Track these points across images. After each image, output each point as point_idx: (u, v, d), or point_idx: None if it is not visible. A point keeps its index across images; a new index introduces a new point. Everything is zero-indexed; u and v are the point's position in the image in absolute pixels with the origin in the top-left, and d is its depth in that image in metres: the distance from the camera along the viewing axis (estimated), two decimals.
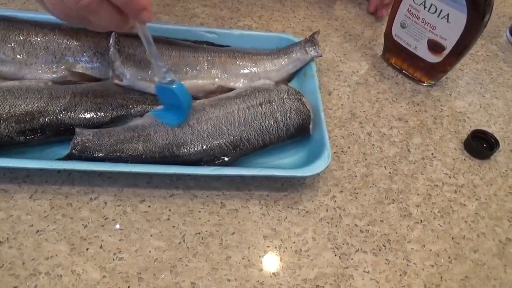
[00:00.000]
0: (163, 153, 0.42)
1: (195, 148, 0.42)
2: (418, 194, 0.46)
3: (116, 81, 0.46)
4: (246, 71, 0.51)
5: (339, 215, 0.43)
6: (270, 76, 0.51)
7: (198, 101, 0.46)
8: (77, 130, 0.42)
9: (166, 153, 0.42)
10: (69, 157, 0.41)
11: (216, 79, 0.49)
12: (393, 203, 0.45)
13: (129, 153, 0.42)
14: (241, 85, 0.50)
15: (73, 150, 0.41)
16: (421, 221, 0.44)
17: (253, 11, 0.65)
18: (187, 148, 0.42)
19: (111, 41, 0.46)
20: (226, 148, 0.43)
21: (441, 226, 0.43)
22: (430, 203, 0.45)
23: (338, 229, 0.42)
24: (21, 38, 0.47)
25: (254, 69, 0.51)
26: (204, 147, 0.43)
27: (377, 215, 0.44)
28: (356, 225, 0.42)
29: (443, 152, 0.50)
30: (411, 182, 0.47)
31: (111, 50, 0.46)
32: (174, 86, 0.41)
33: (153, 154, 0.42)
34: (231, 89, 0.49)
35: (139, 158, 0.42)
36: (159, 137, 0.42)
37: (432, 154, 0.50)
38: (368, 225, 0.43)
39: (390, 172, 0.47)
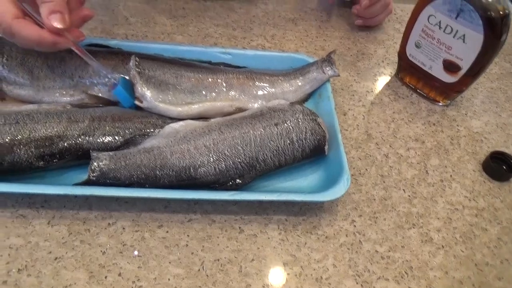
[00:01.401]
0: (180, 176, 0.42)
1: (212, 170, 0.42)
2: (438, 218, 0.45)
3: (137, 102, 0.46)
4: (263, 92, 0.51)
5: (359, 240, 0.42)
6: (287, 97, 0.51)
7: (213, 120, 0.46)
8: (93, 154, 0.41)
9: (183, 176, 0.42)
10: (87, 183, 0.41)
11: (234, 101, 0.49)
12: (413, 227, 0.44)
13: (147, 177, 0.41)
14: (258, 106, 0.50)
15: (91, 176, 0.40)
16: (443, 246, 0.43)
17: (266, 30, 0.65)
18: (204, 170, 0.42)
19: (131, 63, 0.46)
20: (242, 169, 0.43)
21: (463, 252, 0.43)
22: (451, 227, 0.45)
23: (358, 255, 0.41)
24: (39, 61, 0.47)
25: (272, 90, 0.51)
26: (221, 168, 0.42)
27: (397, 241, 0.43)
28: (376, 251, 0.42)
29: (462, 174, 0.50)
30: (430, 206, 0.46)
31: (131, 72, 0.46)
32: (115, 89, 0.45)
33: (170, 177, 0.42)
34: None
35: (157, 182, 0.42)
36: (175, 160, 0.42)
37: (451, 176, 0.49)
38: (389, 251, 0.42)
39: (409, 195, 0.47)
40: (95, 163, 0.41)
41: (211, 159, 0.42)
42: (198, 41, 0.61)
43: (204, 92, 0.49)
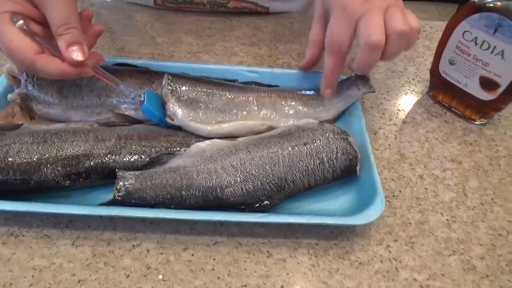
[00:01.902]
0: (206, 196, 0.40)
1: (239, 190, 0.41)
2: (480, 245, 0.42)
3: (168, 120, 0.45)
4: (295, 110, 0.50)
5: (395, 267, 0.40)
6: (320, 116, 0.50)
7: (240, 139, 0.45)
8: (119, 173, 0.41)
9: (210, 197, 0.41)
10: (112, 203, 0.40)
11: (266, 120, 0.48)
12: (453, 254, 0.41)
13: (172, 197, 0.40)
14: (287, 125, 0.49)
15: (116, 196, 0.40)
16: (487, 275, 0.40)
17: (291, 48, 0.64)
18: (230, 190, 0.41)
19: (164, 81, 0.46)
20: (270, 190, 0.41)
21: (510, 281, 0.39)
22: (496, 255, 0.41)
23: (395, 284, 0.39)
24: (68, 80, 0.47)
25: (304, 109, 0.50)
26: (248, 189, 0.41)
27: (437, 268, 0.40)
28: (415, 279, 0.39)
29: (504, 197, 0.47)
30: (471, 231, 0.43)
31: (164, 90, 0.46)
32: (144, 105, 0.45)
33: (197, 198, 0.40)
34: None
35: (182, 202, 0.40)
36: (202, 180, 0.41)
37: (492, 199, 0.46)
38: (429, 279, 0.39)
39: (447, 219, 0.44)
40: (120, 183, 0.40)
41: (238, 179, 0.41)
42: (224, 60, 0.61)
43: (235, 111, 0.48)
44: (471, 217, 0.45)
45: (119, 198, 0.40)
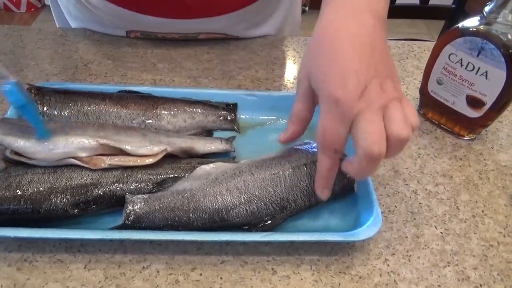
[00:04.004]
0: (213, 218, 0.42)
1: (244, 211, 0.43)
2: (473, 256, 0.44)
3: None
4: None
5: (394, 280, 0.42)
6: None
7: (242, 162, 0.47)
8: (128, 197, 0.43)
9: (216, 218, 0.43)
10: (122, 227, 0.41)
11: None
12: (448, 265, 0.43)
13: (180, 220, 0.42)
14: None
15: (127, 220, 0.41)
16: (481, 285, 0.42)
17: (288, 71, 0.67)
18: (236, 212, 0.43)
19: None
20: (273, 210, 0.43)
21: None
22: (488, 265, 0.44)
23: None
24: (76, 109, 0.50)
25: None
26: (252, 209, 0.43)
27: (433, 280, 0.42)
28: None
29: (494, 209, 0.49)
30: (464, 243, 0.45)
31: None
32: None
33: (204, 220, 0.42)
34: None
35: (190, 224, 0.42)
36: (208, 202, 0.43)
37: (483, 211, 0.49)
38: None
39: (441, 232, 0.46)
40: (130, 207, 0.42)
41: (243, 200, 0.43)
42: (223, 84, 0.63)
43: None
44: (464, 229, 0.47)
45: (129, 222, 0.41)
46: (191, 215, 0.42)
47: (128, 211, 0.42)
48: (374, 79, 0.35)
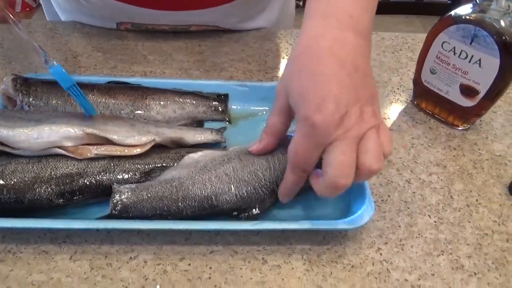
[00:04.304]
0: (202, 205, 0.42)
1: (234, 197, 0.42)
2: (468, 244, 0.44)
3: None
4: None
5: (387, 269, 0.41)
6: None
7: (231, 149, 0.46)
8: (114, 187, 0.42)
9: (205, 205, 0.42)
10: (109, 217, 0.41)
11: None
12: (442, 254, 0.43)
13: (169, 209, 0.41)
14: None
15: (113, 210, 0.40)
16: (475, 273, 0.41)
17: (281, 63, 0.66)
18: (225, 198, 0.42)
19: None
20: (263, 194, 0.43)
21: (497, 279, 0.41)
22: (482, 253, 0.43)
23: (387, 285, 0.40)
24: (62, 100, 0.49)
25: None
26: (242, 194, 0.42)
27: (427, 268, 0.41)
28: (406, 279, 0.40)
29: (488, 198, 0.49)
30: (458, 231, 0.45)
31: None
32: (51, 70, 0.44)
33: (193, 208, 0.42)
34: None
35: (179, 213, 0.41)
36: (197, 190, 0.42)
37: (477, 200, 0.48)
38: (419, 279, 0.40)
39: (435, 221, 0.46)
40: (116, 196, 0.41)
41: (232, 186, 0.42)
42: (215, 76, 0.62)
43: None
44: (458, 218, 0.46)
45: (116, 212, 0.40)
46: (180, 204, 0.41)
47: (115, 201, 0.41)
48: (355, 104, 0.34)
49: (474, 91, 0.52)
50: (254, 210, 0.42)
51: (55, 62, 0.44)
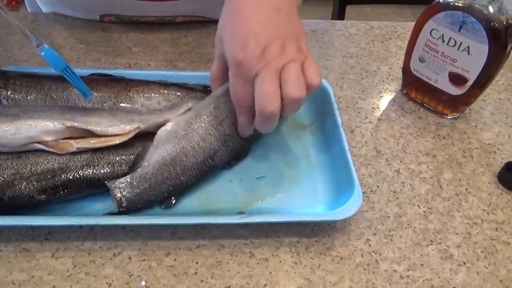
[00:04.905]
0: (202, 170, 0.44)
1: (225, 153, 0.45)
2: (457, 234, 0.43)
3: None
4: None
5: (376, 260, 0.41)
6: None
7: (196, 107, 0.46)
8: (110, 184, 0.41)
9: (205, 168, 0.44)
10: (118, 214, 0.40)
11: None
12: (431, 244, 0.42)
13: (174, 187, 0.42)
14: None
15: (120, 208, 0.40)
16: (464, 263, 0.41)
17: None
18: (219, 156, 0.44)
19: None
20: (248, 141, 0.46)
21: (486, 268, 0.41)
22: (471, 242, 0.43)
23: (376, 276, 0.39)
24: (43, 93, 0.47)
25: None
26: (230, 147, 0.45)
27: (416, 259, 0.41)
28: (395, 270, 0.40)
29: (477, 186, 0.48)
30: (448, 221, 0.44)
31: None
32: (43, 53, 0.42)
33: (195, 177, 0.43)
34: None
35: (184, 186, 0.43)
36: (193, 158, 0.43)
37: (466, 189, 0.48)
38: (408, 270, 0.40)
39: (424, 211, 0.45)
40: (118, 193, 0.40)
41: (220, 143, 0.44)
42: (201, 67, 0.61)
43: None
44: (447, 207, 0.46)
45: (124, 208, 0.40)
46: (182, 178, 0.42)
47: (118, 198, 0.40)
48: (276, 40, 0.37)
49: (463, 79, 0.52)
50: (240, 157, 0.47)
51: (45, 45, 0.43)
